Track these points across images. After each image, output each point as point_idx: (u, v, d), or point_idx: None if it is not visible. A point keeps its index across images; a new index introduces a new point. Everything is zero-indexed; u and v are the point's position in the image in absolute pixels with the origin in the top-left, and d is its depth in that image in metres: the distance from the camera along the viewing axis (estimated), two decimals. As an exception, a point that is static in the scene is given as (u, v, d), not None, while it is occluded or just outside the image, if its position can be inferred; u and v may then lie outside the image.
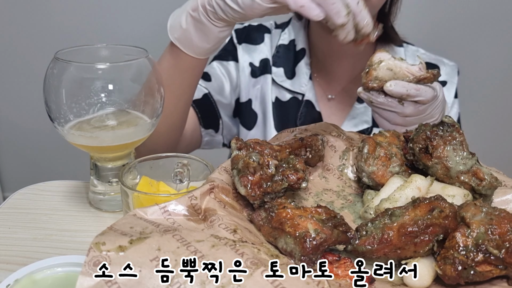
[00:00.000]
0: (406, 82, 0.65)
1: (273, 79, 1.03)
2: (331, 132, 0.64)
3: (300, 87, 1.02)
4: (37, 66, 1.20)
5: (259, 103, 1.05)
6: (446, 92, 1.02)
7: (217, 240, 0.41)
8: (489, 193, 0.52)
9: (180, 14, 0.73)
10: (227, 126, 1.05)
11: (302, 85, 1.02)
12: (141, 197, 0.54)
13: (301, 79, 1.02)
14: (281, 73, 1.03)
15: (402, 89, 0.64)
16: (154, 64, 0.65)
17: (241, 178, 0.48)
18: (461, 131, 0.53)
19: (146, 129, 0.64)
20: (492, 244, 0.40)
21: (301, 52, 1.03)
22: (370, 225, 0.45)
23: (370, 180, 0.56)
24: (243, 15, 0.67)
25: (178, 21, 0.73)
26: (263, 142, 0.53)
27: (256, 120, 1.05)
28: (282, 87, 1.03)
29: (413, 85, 0.65)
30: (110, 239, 0.38)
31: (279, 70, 1.04)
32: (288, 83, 1.03)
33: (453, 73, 1.04)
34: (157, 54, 0.79)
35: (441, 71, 1.04)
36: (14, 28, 1.70)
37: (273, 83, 1.04)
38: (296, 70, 1.03)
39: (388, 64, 0.67)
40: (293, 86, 1.02)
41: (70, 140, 0.62)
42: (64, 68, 0.59)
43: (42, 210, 0.66)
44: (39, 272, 0.46)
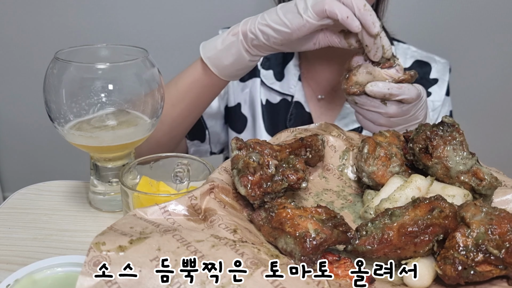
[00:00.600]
0: (387, 82, 0.66)
1: (262, 81, 1.04)
2: (331, 132, 0.64)
3: (289, 88, 1.02)
4: (37, 66, 1.20)
5: (248, 107, 1.06)
6: (437, 89, 1.02)
7: (217, 240, 0.41)
8: (489, 193, 0.52)
9: (217, 38, 0.76)
10: (215, 135, 1.06)
11: (291, 86, 1.02)
12: (141, 197, 0.54)
13: (290, 81, 1.02)
14: (271, 75, 1.04)
15: (384, 89, 0.65)
16: (154, 65, 0.65)
17: (241, 178, 0.48)
18: (461, 131, 0.53)
19: (146, 129, 0.64)
20: (492, 244, 0.40)
21: (290, 54, 1.03)
22: (370, 225, 0.45)
23: (370, 180, 0.56)
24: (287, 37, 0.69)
25: (213, 43, 0.77)
26: (263, 142, 0.53)
27: (246, 123, 1.06)
28: (272, 89, 1.03)
29: (395, 84, 0.66)
30: (110, 239, 0.38)
31: (268, 72, 1.04)
32: (278, 85, 1.03)
33: (445, 71, 1.04)
34: (157, 54, 0.79)
35: (432, 69, 1.04)
36: (14, 28, 1.70)
37: (263, 85, 1.04)
38: (285, 72, 1.03)
39: (367, 67, 0.67)
40: (282, 88, 1.03)
41: (70, 140, 0.62)
42: (64, 68, 0.59)
43: (42, 210, 0.66)
44: (39, 272, 0.46)
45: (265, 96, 1.04)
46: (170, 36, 1.67)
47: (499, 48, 1.68)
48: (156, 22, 1.66)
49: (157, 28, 1.67)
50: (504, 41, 1.68)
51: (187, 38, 1.67)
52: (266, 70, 1.04)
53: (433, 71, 1.04)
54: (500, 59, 1.69)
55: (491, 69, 1.70)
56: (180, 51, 1.69)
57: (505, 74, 1.71)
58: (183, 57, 1.71)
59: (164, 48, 1.68)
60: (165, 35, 1.67)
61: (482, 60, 1.69)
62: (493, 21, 1.65)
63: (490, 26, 1.66)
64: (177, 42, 1.67)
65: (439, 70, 1.04)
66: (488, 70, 1.70)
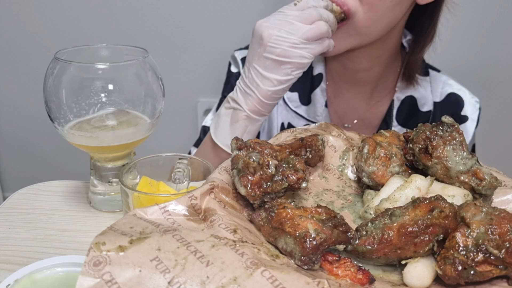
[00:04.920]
0: None
1: (286, 103, 1.01)
2: (331, 132, 0.64)
3: (315, 116, 0.99)
4: (37, 66, 1.20)
5: (265, 134, 1.03)
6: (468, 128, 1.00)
7: (217, 240, 0.41)
8: (489, 193, 0.52)
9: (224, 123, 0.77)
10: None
11: (318, 113, 0.99)
12: (141, 197, 0.54)
13: (317, 107, 0.99)
14: (296, 98, 1.01)
15: None
16: (154, 65, 0.65)
17: (241, 178, 0.48)
18: (461, 131, 0.53)
19: (146, 129, 0.64)
20: (492, 244, 0.40)
21: (318, 78, 1.00)
22: (370, 225, 0.45)
23: (370, 180, 0.56)
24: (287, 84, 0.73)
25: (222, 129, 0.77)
26: (263, 142, 0.53)
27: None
28: (297, 114, 1.00)
29: None
30: (110, 239, 0.38)
31: (293, 95, 1.01)
32: (303, 109, 1.00)
33: (474, 109, 1.01)
34: (157, 54, 0.79)
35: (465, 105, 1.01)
36: (14, 28, 1.70)
37: (285, 107, 1.01)
38: (312, 97, 1.00)
39: None
40: (308, 114, 1.00)
41: (70, 140, 0.62)
42: (64, 68, 0.59)
43: (42, 210, 0.66)
44: (39, 272, 0.46)
45: (287, 119, 1.01)
46: (170, 36, 1.67)
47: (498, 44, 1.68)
48: (156, 22, 1.66)
49: (157, 28, 1.67)
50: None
51: (187, 38, 1.67)
52: (290, 92, 1.01)
53: (465, 108, 1.01)
54: (506, 60, 1.69)
55: (496, 69, 1.70)
56: (180, 51, 1.69)
57: (509, 74, 1.71)
58: (183, 57, 1.72)
59: (164, 48, 1.68)
60: (165, 35, 1.67)
61: (489, 60, 1.69)
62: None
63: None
64: (177, 42, 1.67)
65: (471, 108, 1.01)
66: (492, 70, 1.70)
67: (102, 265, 0.36)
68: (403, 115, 0.98)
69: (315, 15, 0.71)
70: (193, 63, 1.68)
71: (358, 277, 0.42)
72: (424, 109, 0.99)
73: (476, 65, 1.68)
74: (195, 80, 1.72)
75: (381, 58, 0.94)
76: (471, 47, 1.66)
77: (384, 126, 0.99)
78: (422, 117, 0.98)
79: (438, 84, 1.02)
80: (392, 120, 0.99)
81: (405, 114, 0.99)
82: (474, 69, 1.67)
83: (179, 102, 1.71)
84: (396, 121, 0.99)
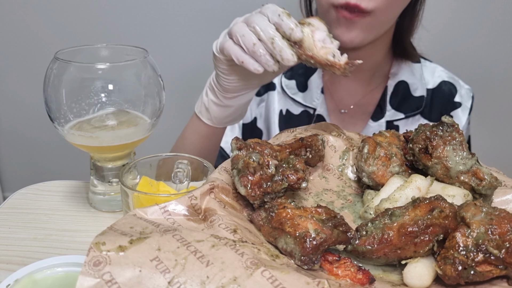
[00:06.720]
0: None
1: (284, 91, 1.03)
2: (331, 132, 0.64)
3: (312, 101, 1.02)
4: (37, 66, 1.20)
5: (263, 121, 1.06)
6: (460, 115, 1.03)
7: (217, 240, 0.41)
8: (489, 193, 0.52)
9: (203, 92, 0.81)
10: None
11: (314, 99, 1.02)
12: (141, 197, 0.54)
13: (313, 93, 1.02)
14: (293, 86, 1.03)
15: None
16: (154, 65, 0.65)
17: (241, 178, 0.48)
18: (461, 131, 0.53)
19: (146, 129, 0.64)
20: (492, 244, 0.40)
21: None
22: (370, 225, 0.45)
23: (370, 180, 0.56)
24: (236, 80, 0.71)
25: (200, 99, 0.81)
26: (263, 142, 0.53)
27: (261, 137, 1.06)
28: (294, 100, 1.03)
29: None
30: (110, 239, 0.38)
31: (290, 82, 1.04)
32: (300, 96, 1.03)
33: (468, 97, 1.04)
34: (157, 54, 0.79)
35: (457, 92, 1.04)
36: (14, 28, 1.70)
37: (284, 94, 1.03)
38: (309, 84, 1.03)
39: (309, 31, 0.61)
40: (305, 99, 1.02)
41: (70, 140, 0.62)
42: (64, 68, 0.59)
43: (42, 210, 0.66)
44: (39, 272, 0.46)
45: (285, 106, 1.04)
46: (170, 36, 1.67)
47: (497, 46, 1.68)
48: (156, 22, 1.66)
49: (157, 28, 1.67)
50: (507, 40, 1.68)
51: (187, 38, 1.67)
52: (288, 80, 1.04)
53: (458, 95, 1.04)
54: (505, 61, 1.69)
55: (496, 69, 1.70)
56: (180, 51, 1.69)
57: (509, 74, 1.71)
58: (183, 57, 1.72)
59: (164, 48, 1.68)
60: (165, 35, 1.67)
61: (487, 60, 1.69)
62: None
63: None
64: (177, 42, 1.67)
65: (463, 95, 1.04)
66: (492, 69, 1.70)
67: (102, 265, 0.36)
68: (397, 100, 1.01)
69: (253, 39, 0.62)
70: (193, 63, 1.68)
71: (358, 277, 0.42)
72: (416, 94, 1.02)
73: (476, 65, 1.68)
74: (195, 80, 1.72)
75: (381, 45, 0.96)
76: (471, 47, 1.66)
77: (378, 111, 1.01)
78: (415, 101, 1.01)
79: (430, 71, 1.05)
80: (386, 105, 1.01)
81: (399, 99, 1.01)
82: (474, 69, 1.67)
83: (179, 102, 1.71)
84: (390, 105, 1.01)
